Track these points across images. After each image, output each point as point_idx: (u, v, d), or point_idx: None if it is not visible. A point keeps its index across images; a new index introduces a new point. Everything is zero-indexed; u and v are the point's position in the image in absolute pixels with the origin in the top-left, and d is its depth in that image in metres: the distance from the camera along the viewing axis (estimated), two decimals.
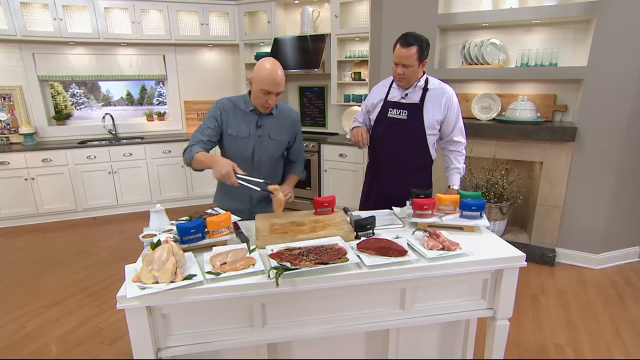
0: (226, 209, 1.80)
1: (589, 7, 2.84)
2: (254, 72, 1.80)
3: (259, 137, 1.93)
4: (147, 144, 4.60)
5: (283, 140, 2.00)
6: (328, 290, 1.39)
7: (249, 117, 1.92)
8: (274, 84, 1.76)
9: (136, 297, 1.22)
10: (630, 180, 3.09)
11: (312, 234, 1.63)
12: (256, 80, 1.79)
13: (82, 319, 2.59)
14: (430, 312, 1.53)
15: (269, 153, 1.98)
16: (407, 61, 1.98)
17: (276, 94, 1.80)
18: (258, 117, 1.92)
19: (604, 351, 2.25)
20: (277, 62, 1.80)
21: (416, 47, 1.96)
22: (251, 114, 1.92)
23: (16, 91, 4.41)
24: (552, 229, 3.30)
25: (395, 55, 2.02)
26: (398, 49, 2.00)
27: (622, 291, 2.88)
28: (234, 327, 1.39)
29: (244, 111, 1.92)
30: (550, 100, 3.30)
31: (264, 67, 1.76)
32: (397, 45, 2.01)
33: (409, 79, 2.06)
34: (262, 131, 1.93)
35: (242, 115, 1.92)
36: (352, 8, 4.33)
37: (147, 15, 4.58)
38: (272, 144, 1.97)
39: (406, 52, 1.97)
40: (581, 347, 2.27)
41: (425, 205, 1.74)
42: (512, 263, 1.50)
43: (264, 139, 1.94)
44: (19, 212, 4.23)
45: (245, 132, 1.91)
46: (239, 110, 1.92)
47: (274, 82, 1.76)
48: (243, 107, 1.92)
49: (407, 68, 2.00)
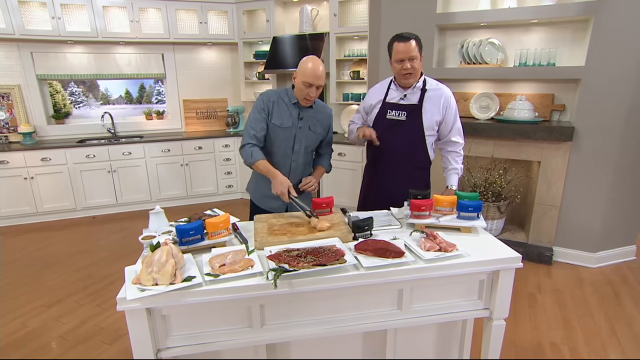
0: (259, 197, 2.16)
1: (587, 7, 2.85)
2: (298, 67, 1.96)
3: (300, 128, 2.08)
4: (146, 143, 4.60)
5: (320, 133, 2.16)
6: (326, 291, 1.41)
7: (292, 109, 2.06)
8: (315, 77, 1.90)
9: (136, 299, 1.24)
10: (627, 179, 3.11)
11: (311, 235, 1.65)
12: (300, 74, 1.94)
13: (83, 317, 2.60)
14: (427, 312, 1.55)
15: (307, 144, 2.13)
16: (412, 53, 2.01)
17: (317, 87, 1.94)
18: (300, 109, 2.06)
19: (599, 349, 2.27)
20: (319, 59, 1.95)
21: (414, 39, 2.02)
22: (294, 106, 2.06)
23: (15, 90, 4.41)
24: (550, 228, 3.32)
25: (398, 53, 2.03)
26: (399, 46, 2.02)
27: (618, 289, 2.90)
28: (233, 327, 1.41)
29: (287, 103, 2.06)
30: (548, 99, 3.31)
31: (306, 63, 1.92)
32: (396, 44, 2.04)
33: (416, 73, 2.08)
34: (303, 123, 2.08)
35: (286, 107, 2.06)
36: (351, 7, 4.33)
37: (145, 14, 4.57)
38: (310, 135, 2.12)
39: (408, 45, 2.00)
40: (576, 346, 2.30)
41: (422, 206, 1.76)
42: (508, 264, 1.52)
43: (304, 130, 2.09)
44: (18, 211, 4.24)
45: (289, 122, 2.05)
46: (282, 102, 2.06)
47: (315, 75, 1.90)
48: (287, 99, 2.06)
49: (412, 61, 2.03)
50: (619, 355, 2.23)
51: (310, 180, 2.10)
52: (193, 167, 4.84)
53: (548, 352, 2.25)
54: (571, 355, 2.22)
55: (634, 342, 2.32)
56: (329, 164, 2.30)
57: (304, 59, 1.95)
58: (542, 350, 2.26)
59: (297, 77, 1.97)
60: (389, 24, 3.55)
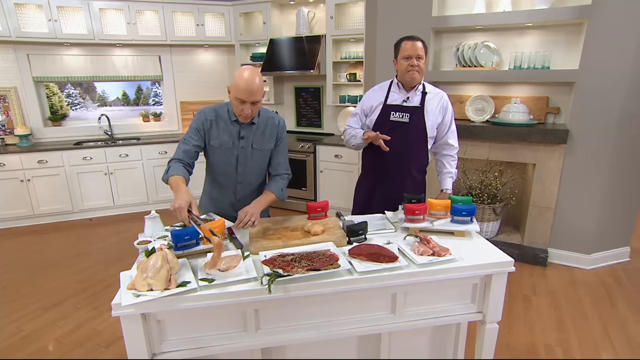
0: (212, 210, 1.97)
1: (580, 11, 2.87)
2: (233, 80, 1.74)
3: (242, 147, 1.90)
4: (143, 145, 4.61)
5: (268, 149, 1.96)
6: (320, 295, 1.42)
7: (232, 127, 1.87)
8: (249, 92, 1.69)
9: (131, 305, 1.25)
10: (621, 182, 3.13)
11: (305, 239, 1.66)
12: (233, 89, 1.73)
13: (79, 321, 2.61)
14: (421, 316, 1.56)
15: (255, 164, 1.95)
16: (420, 52, 2.04)
17: (252, 102, 1.73)
18: (240, 127, 1.88)
19: (592, 350, 2.29)
20: (257, 70, 1.74)
21: (421, 41, 2.05)
22: (234, 124, 1.87)
23: (11, 92, 4.40)
24: (545, 230, 3.34)
25: (406, 50, 2.05)
26: (407, 44, 2.05)
27: (612, 291, 2.92)
28: (228, 332, 1.42)
29: (226, 121, 1.87)
30: (542, 102, 3.34)
31: (241, 76, 1.69)
32: (404, 42, 2.06)
33: (423, 72, 2.10)
34: (245, 142, 1.89)
35: (224, 126, 1.87)
36: (347, 9, 4.35)
37: (142, 16, 4.57)
38: (256, 154, 1.93)
39: (416, 44, 2.04)
40: (570, 347, 2.32)
41: (416, 211, 1.77)
42: (500, 268, 1.54)
43: (247, 150, 1.90)
44: (15, 214, 4.23)
45: (229, 143, 1.88)
46: (221, 120, 1.87)
47: (249, 90, 1.68)
48: (226, 117, 1.87)
49: (420, 60, 2.05)
50: (612, 356, 2.25)
51: (244, 215, 1.74)
52: None
53: (542, 353, 2.27)
54: (564, 357, 2.24)
55: (627, 344, 2.35)
56: (280, 189, 1.96)
57: (239, 71, 1.71)
58: (536, 352, 2.28)
59: (231, 92, 1.74)
60: (385, 27, 3.57)
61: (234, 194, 1.99)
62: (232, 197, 2.01)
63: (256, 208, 1.80)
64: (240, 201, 1.98)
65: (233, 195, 2.00)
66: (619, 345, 2.33)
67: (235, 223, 1.77)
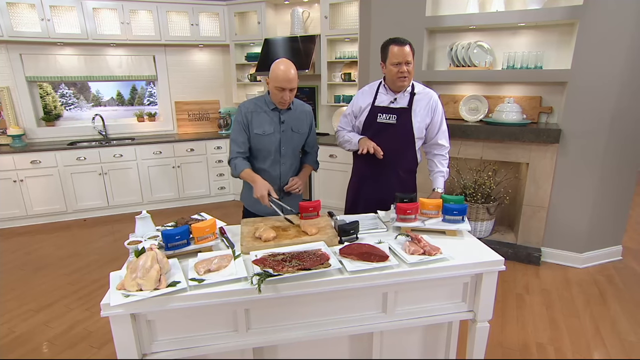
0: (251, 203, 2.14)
1: (572, 11, 2.89)
2: (270, 72, 1.95)
3: (283, 131, 2.09)
4: (138, 145, 4.59)
5: (304, 132, 2.18)
6: (311, 295, 1.42)
7: (272, 115, 2.07)
8: (287, 80, 1.90)
9: (120, 305, 1.25)
10: (613, 181, 3.15)
11: (297, 239, 1.66)
12: (272, 79, 1.94)
13: (72, 322, 2.60)
14: (412, 315, 1.57)
15: (293, 145, 2.15)
16: (409, 57, 2.03)
17: (290, 89, 1.94)
18: (280, 113, 2.08)
19: (583, 349, 2.31)
20: (290, 61, 1.95)
21: (408, 45, 2.04)
22: (273, 112, 2.07)
23: (4, 92, 4.37)
24: (538, 229, 3.36)
25: (395, 56, 2.03)
26: (396, 49, 2.02)
27: (604, 289, 2.94)
28: (218, 332, 1.42)
29: (266, 111, 2.07)
30: (536, 102, 3.35)
31: (278, 67, 1.91)
32: (392, 46, 2.04)
33: (411, 76, 2.10)
34: (285, 126, 2.09)
35: (265, 115, 2.07)
36: (342, 9, 4.35)
37: (136, 16, 4.55)
38: (295, 137, 2.14)
39: (405, 49, 2.02)
40: (562, 346, 2.33)
41: (408, 210, 1.77)
42: (491, 267, 1.54)
43: (287, 133, 2.11)
44: (8, 214, 4.21)
45: (270, 128, 2.07)
46: (261, 110, 2.07)
47: (287, 79, 1.90)
48: (264, 106, 2.07)
49: (409, 65, 2.05)
50: (603, 355, 2.26)
51: (295, 181, 2.12)
52: (185, 169, 4.83)
53: (534, 352, 2.28)
54: (556, 356, 2.25)
55: (619, 342, 2.36)
56: (315, 161, 2.32)
57: (276, 63, 1.94)
58: (529, 351, 2.29)
59: (270, 82, 1.97)
60: (379, 27, 3.57)
61: (278, 177, 2.16)
62: (277, 179, 2.16)
63: (303, 178, 2.20)
64: (282, 180, 2.17)
65: (278, 178, 2.16)
66: (610, 344, 2.35)
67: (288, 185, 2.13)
